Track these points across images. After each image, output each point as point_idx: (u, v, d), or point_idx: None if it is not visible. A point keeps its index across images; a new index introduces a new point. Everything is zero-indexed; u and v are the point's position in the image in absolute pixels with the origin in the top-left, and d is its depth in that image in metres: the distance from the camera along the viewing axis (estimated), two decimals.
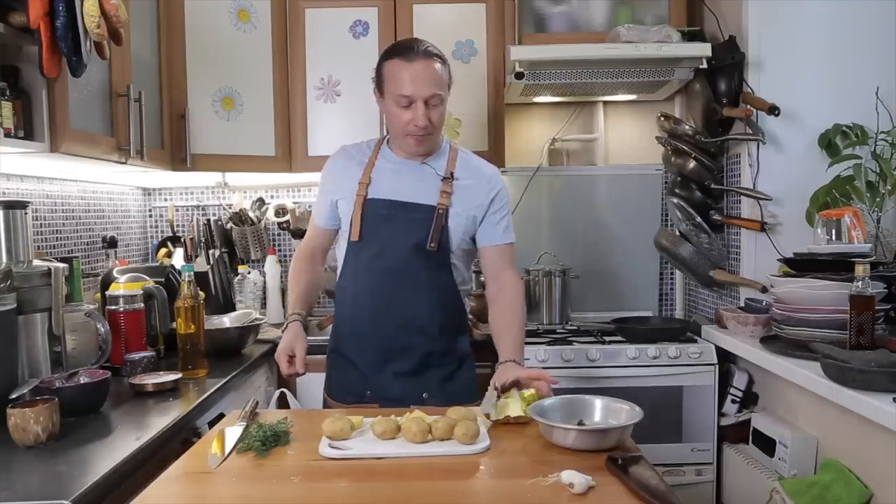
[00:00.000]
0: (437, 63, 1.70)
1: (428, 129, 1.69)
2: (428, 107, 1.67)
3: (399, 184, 1.76)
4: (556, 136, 3.05)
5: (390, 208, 1.74)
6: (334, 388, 1.85)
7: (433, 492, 1.12)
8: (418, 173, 1.77)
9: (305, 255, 1.89)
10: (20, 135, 1.64)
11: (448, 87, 1.73)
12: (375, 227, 1.74)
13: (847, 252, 1.95)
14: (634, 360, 2.38)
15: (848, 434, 1.75)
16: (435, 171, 1.77)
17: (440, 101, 1.69)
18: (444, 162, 1.79)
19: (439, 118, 1.72)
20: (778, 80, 2.36)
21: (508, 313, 1.77)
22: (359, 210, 1.75)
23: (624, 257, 2.98)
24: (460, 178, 1.77)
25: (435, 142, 1.78)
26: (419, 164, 1.78)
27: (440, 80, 1.69)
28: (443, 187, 1.74)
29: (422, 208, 1.73)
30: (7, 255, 1.58)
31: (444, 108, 1.73)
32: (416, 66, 1.66)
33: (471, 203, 1.76)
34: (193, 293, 1.91)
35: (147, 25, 2.31)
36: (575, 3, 2.76)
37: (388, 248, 1.73)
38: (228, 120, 2.61)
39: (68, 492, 1.10)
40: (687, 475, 2.39)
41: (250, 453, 1.26)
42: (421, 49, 1.69)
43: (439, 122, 1.73)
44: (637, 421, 1.27)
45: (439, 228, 1.72)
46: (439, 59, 1.71)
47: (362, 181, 1.76)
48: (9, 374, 1.48)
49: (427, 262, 1.72)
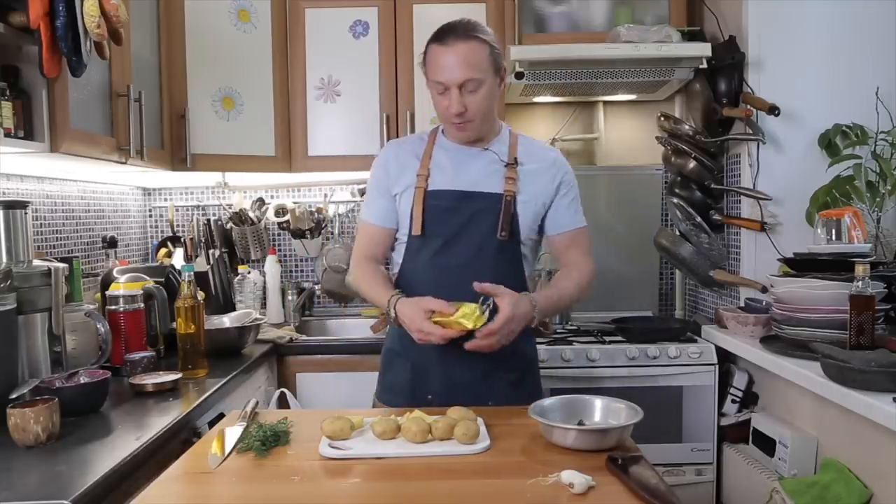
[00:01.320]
0: (476, 44, 1.58)
1: (466, 116, 1.60)
2: (463, 92, 1.58)
3: (460, 173, 1.66)
4: (556, 136, 3.05)
5: (453, 199, 1.64)
6: (386, 391, 1.74)
7: (433, 492, 1.12)
8: (480, 160, 1.68)
9: (367, 257, 1.73)
10: (20, 135, 1.64)
11: (495, 70, 1.61)
12: (438, 220, 1.64)
13: (847, 252, 1.95)
14: (634, 360, 2.38)
15: (848, 434, 1.75)
16: (498, 156, 1.68)
17: (477, 85, 1.58)
18: (506, 147, 1.70)
19: (479, 104, 1.60)
20: (778, 80, 2.36)
21: (563, 277, 1.72)
22: (420, 203, 1.64)
23: (624, 257, 2.97)
24: (525, 164, 1.68)
25: (482, 128, 1.66)
26: (480, 150, 1.69)
27: (477, 63, 1.57)
28: (507, 173, 1.66)
29: (488, 197, 1.64)
30: (7, 255, 1.58)
31: (488, 93, 1.60)
32: (449, 51, 1.57)
33: (538, 189, 1.68)
34: (193, 293, 1.91)
35: (147, 25, 2.31)
36: (575, 3, 2.76)
37: (453, 241, 1.64)
38: (228, 120, 2.61)
39: (68, 492, 1.10)
40: (687, 475, 2.39)
41: (250, 453, 1.26)
42: (459, 31, 1.59)
43: (480, 108, 1.61)
44: (637, 421, 1.27)
45: (509, 217, 1.63)
46: (480, 40, 1.59)
47: (420, 173, 1.67)
48: (9, 374, 1.48)
49: (497, 254, 1.64)
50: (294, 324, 2.81)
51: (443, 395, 1.62)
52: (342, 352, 2.46)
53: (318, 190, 3.08)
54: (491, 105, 1.64)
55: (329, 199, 3.05)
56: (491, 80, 1.61)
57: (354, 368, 2.39)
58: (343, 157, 2.74)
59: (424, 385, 1.67)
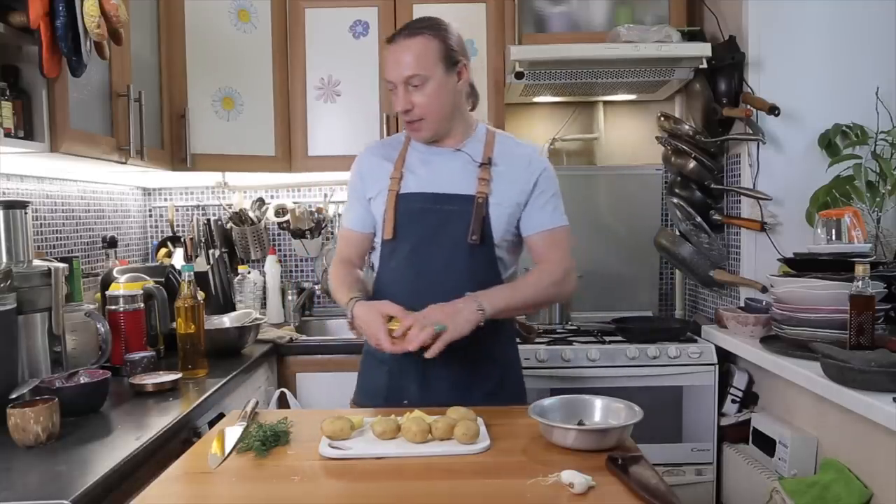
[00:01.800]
0: (422, 39, 1.54)
1: (414, 114, 1.56)
2: (409, 89, 1.54)
3: (433, 174, 1.63)
4: (556, 136, 3.05)
5: (425, 202, 1.61)
6: (362, 394, 1.73)
7: (433, 492, 1.12)
8: (453, 162, 1.63)
9: (342, 260, 1.72)
10: (20, 135, 1.64)
11: (448, 65, 1.55)
12: (410, 224, 1.61)
13: (847, 252, 1.95)
14: (634, 360, 2.38)
15: (848, 434, 1.75)
16: (471, 157, 1.63)
17: (423, 81, 1.53)
18: (481, 147, 1.64)
19: (428, 101, 1.54)
20: (778, 80, 2.36)
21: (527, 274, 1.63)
22: (392, 206, 1.62)
23: (624, 257, 2.97)
24: (499, 164, 1.62)
25: (440, 127, 1.61)
26: (453, 151, 1.64)
27: (421, 59, 1.52)
28: (480, 174, 1.60)
29: (459, 199, 1.59)
30: (7, 255, 1.58)
31: (438, 89, 1.54)
32: (395, 48, 1.55)
33: (512, 190, 1.61)
34: (193, 293, 1.91)
35: (147, 25, 2.31)
36: (575, 3, 2.76)
37: (425, 244, 1.60)
38: (228, 120, 2.61)
39: (68, 492, 1.10)
40: (687, 475, 2.39)
41: (250, 453, 1.26)
42: (408, 28, 1.56)
43: (431, 106, 1.55)
44: (637, 421, 1.27)
45: (480, 219, 1.58)
46: (426, 35, 1.54)
47: (393, 175, 1.64)
48: (9, 374, 1.48)
49: (469, 257, 1.59)
50: (294, 324, 2.81)
51: (419, 400, 1.56)
52: (342, 352, 2.45)
53: (318, 190, 3.08)
54: (446, 102, 1.58)
55: (329, 199, 3.05)
56: (442, 76, 1.55)
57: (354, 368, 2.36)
58: (343, 157, 2.73)
59: (400, 389, 1.64)
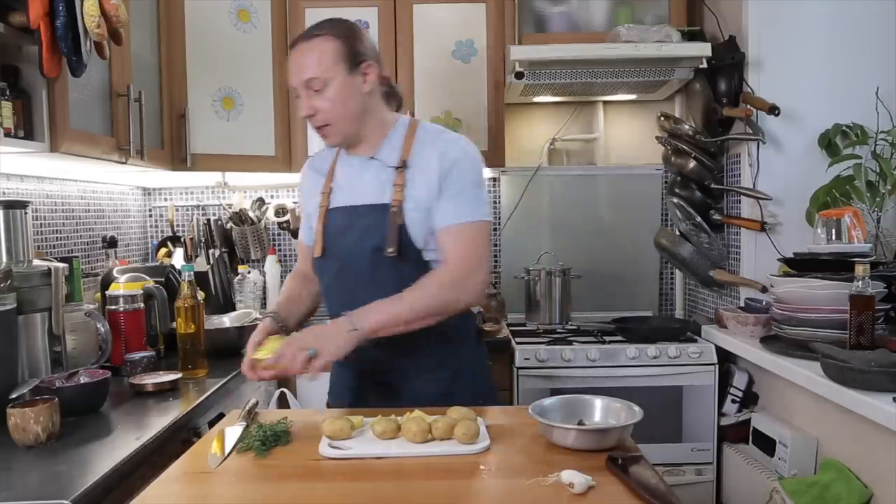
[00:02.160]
0: (319, 41, 1.47)
1: (318, 119, 1.49)
2: (311, 93, 1.48)
3: (353, 186, 1.57)
4: (556, 136, 3.05)
5: (347, 216, 1.55)
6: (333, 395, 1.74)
7: (433, 492, 1.12)
8: (367, 170, 1.56)
9: (295, 275, 1.74)
10: (20, 135, 1.64)
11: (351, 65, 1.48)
12: (336, 240, 1.56)
13: (847, 252, 1.95)
14: (634, 360, 2.38)
15: (848, 434, 1.75)
16: (383, 162, 1.54)
17: (323, 84, 1.46)
18: (397, 149, 1.54)
19: (331, 104, 1.47)
20: (778, 80, 2.36)
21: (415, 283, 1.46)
22: (320, 223, 1.58)
23: (624, 257, 2.98)
24: (413, 165, 1.51)
25: (349, 131, 1.53)
26: (368, 158, 1.56)
27: (321, 61, 1.46)
28: (395, 180, 1.51)
29: (375, 209, 1.52)
30: (7, 255, 1.58)
31: (341, 91, 1.47)
32: (294, 53, 1.50)
33: (425, 190, 1.49)
34: (193, 293, 1.91)
35: (147, 25, 2.31)
36: (575, 3, 2.76)
37: (351, 261, 1.54)
38: (228, 120, 2.61)
39: (68, 492, 1.10)
40: (687, 475, 2.39)
41: (250, 453, 1.26)
42: (306, 32, 1.51)
43: (335, 109, 1.48)
44: (637, 421, 1.27)
45: (395, 229, 1.48)
46: (324, 36, 1.48)
47: (323, 190, 1.61)
48: (9, 374, 1.48)
49: (395, 270, 1.49)
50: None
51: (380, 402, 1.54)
52: None
53: None
54: (352, 105, 1.50)
55: None
56: (344, 78, 1.48)
57: None
58: None
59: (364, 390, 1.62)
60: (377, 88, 1.56)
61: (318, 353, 1.36)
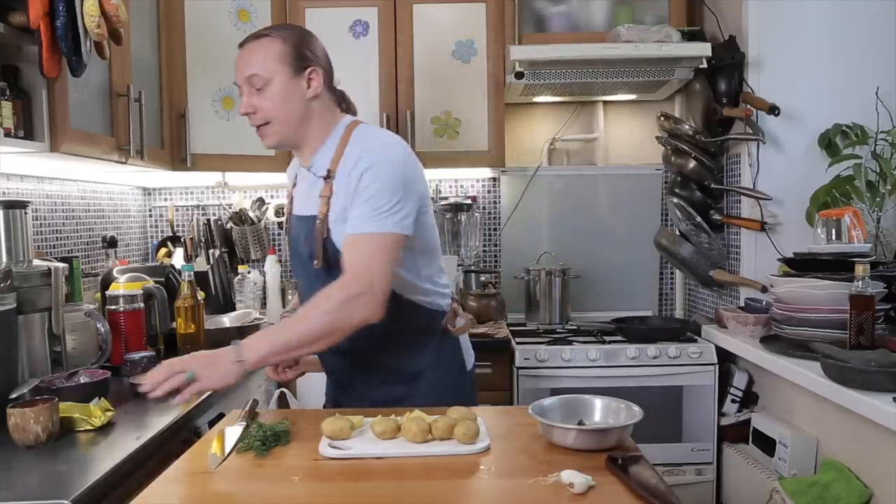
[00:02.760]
0: (265, 41, 1.47)
1: (257, 118, 1.48)
2: (252, 91, 1.47)
3: (299, 196, 1.58)
4: (556, 136, 3.05)
5: (294, 225, 1.58)
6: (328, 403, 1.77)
7: (433, 492, 1.12)
8: (305, 180, 1.56)
9: None
10: (20, 135, 1.64)
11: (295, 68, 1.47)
12: (291, 250, 1.61)
13: (847, 252, 1.95)
14: (634, 360, 2.38)
15: (848, 434, 1.75)
16: (314, 173, 1.52)
17: (264, 82, 1.45)
18: (328, 158, 1.50)
19: (271, 104, 1.46)
20: (778, 80, 2.36)
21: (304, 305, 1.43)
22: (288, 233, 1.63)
23: (624, 257, 2.98)
24: (338, 174, 1.46)
25: (288, 134, 1.50)
26: (306, 169, 1.55)
27: (263, 59, 1.45)
28: (322, 191, 1.47)
29: (305, 221, 1.51)
30: (7, 255, 1.57)
31: (283, 92, 1.46)
32: (241, 52, 1.51)
33: (343, 199, 1.44)
34: (193, 293, 1.91)
35: (147, 25, 2.31)
36: (575, 3, 2.76)
37: (298, 272, 1.59)
38: (228, 120, 2.61)
39: (68, 492, 1.10)
40: (687, 475, 2.39)
41: (250, 453, 1.26)
42: (255, 33, 1.51)
43: (274, 108, 1.46)
44: (637, 421, 1.27)
45: (321, 242, 1.46)
46: (271, 36, 1.48)
47: (287, 197, 1.65)
48: (9, 374, 1.48)
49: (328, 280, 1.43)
50: None
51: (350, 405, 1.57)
52: None
53: None
54: (293, 108, 1.48)
55: None
56: (286, 79, 1.46)
57: None
58: None
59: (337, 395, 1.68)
60: (324, 95, 1.52)
61: (196, 377, 1.33)
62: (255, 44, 1.49)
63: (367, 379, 1.60)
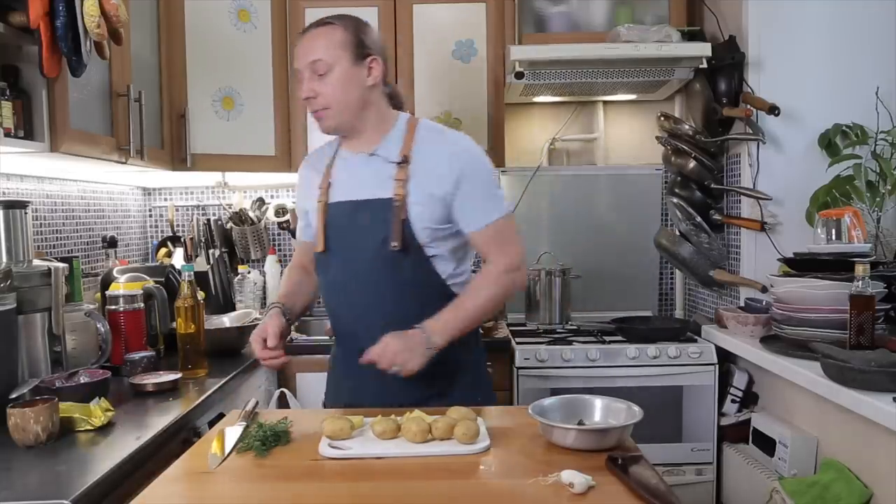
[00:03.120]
0: (329, 28, 1.52)
1: (318, 103, 1.52)
2: (314, 77, 1.51)
3: (353, 181, 1.58)
4: (556, 136, 3.05)
5: (349, 210, 1.57)
6: (330, 395, 1.76)
7: (433, 492, 1.12)
8: (368, 165, 1.58)
9: (294, 265, 1.77)
10: (20, 135, 1.64)
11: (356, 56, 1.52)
12: (338, 235, 1.58)
13: (847, 252, 1.95)
14: (634, 360, 2.38)
15: (848, 434, 1.75)
16: (385, 158, 1.56)
17: (327, 67, 1.50)
18: (398, 145, 1.56)
19: (332, 89, 1.51)
20: (778, 80, 2.36)
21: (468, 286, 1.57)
22: (321, 217, 1.59)
23: (624, 257, 2.98)
24: (417, 161, 1.54)
25: (345, 120, 1.56)
26: (368, 154, 1.58)
27: (326, 45, 1.50)
28: (396, 174, 1.52)
29: (377, 204, 1.53)
30: (7, 255, 1.58)
31: (344, 78, 1.51)
32: (303, 38, 1.55)
33: (432, 187, 1.52)
34: (193, 293, 1.91)
35: (147, 25, 2.31)
36: (575, 3, 2.76)
37: (353, 255, 1.55)
38: (228, 120, 2.61)
39: (68, 492, 1.10)
40: (687, 475, 2.39)
41: (250, 453, 1.26)
42: (317, 21, 1.56)
43: (335, 94, 1.51)
44: (637, 421, 1.27)
45: (399, 224, 1.50)
46: (334, 24, 1.53)
47: (321, 186, 1.62)
48: (9, 374, 1.48)
49: (397, 264, 1.52)
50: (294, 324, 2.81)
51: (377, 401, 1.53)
52: None
53: None
54: (352, 94, 1.53)
55: None
56: (348, 66, 1.51)
57: None
58: None
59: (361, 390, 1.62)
60: (380, 86, 1.59)
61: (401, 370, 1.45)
62: (319, 31, 1.53)
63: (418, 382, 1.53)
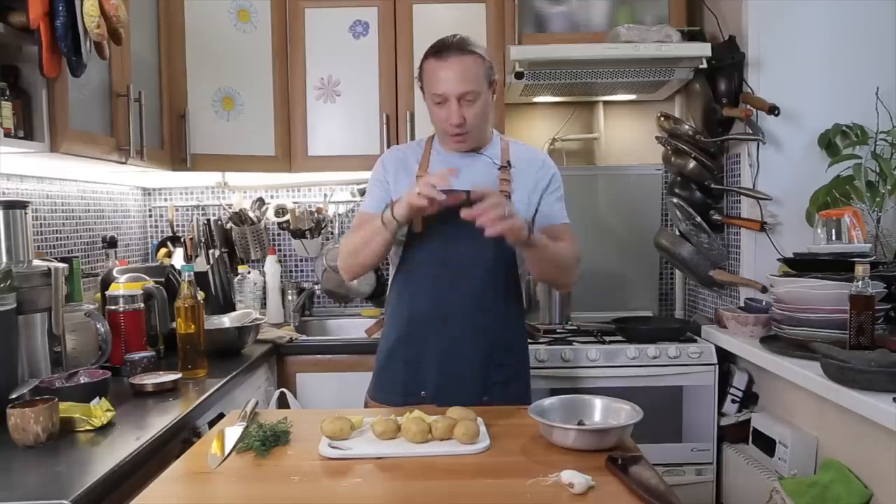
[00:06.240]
0: (472, 59, 1.67)
1: (464, 128, 1.68)
2: (462, 104, 1.66)
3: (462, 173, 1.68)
4: (556, 136, 3.05)
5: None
6: (379, 390, 1.80)
7: (433, 492, 1.12)
8: (476, 163, 1.76)
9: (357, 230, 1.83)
10: (20, 135, 1.64)
11: (490, 82, 1.71)
12: (439, 219, 1.66)
13: (847, 252, 1.95)
14: (634, 360, 2.38)
15: (848, 434, 1.75)
16: (491, 160, 1.77)
17: (475, 97, 1.67)
18: (499, 152, 1.79)
19: (476, 115, 1.69)
20: (778, 80, 2.36)
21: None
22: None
23: (624, 257, 2.98)
24: (516, 166, 1.77)
25: (479, 138, 1.76)
26: (474, 155, 1.77)
27: (473, 76, 1.67)
28: (501, 175, 1.74)
29: None
30: (7, 255, 1.58)
31: (484, 104, 1.70)
32: (448, 65, 1.66)
33: (529, 189, 1.76)
34: (193, 293, 1.91)
35: (147, 25, 2.31)
36: (575, 3, 2.76)
37: (453, 240, 1.69)
38: (228, 120, 2.61)
39: (68, 492, 1.10)
40: (687, 475, 2.39)
41: (250, 453, 1.26)
42: (456, 47, 1.67)
43: (477, 119, 1.70)
44: (637, 421, 1.27)
45: None
46: (475, 55, 1.69)
47: (420, 174, 1.74)
48: (9, 374, 1.48)
49: (493, 251, 1.69)
50: (294, 324, 2.81)
51: (437, 391, 1.68)
52: (342, 352, 2.46)
53: (318, 190, 3.08)
54: (486, 116, 1.73)
55: (329, 199, 3.05)
56: (487, 93, 1.71)
57: (354, 369, 2.39)
58: (343, 157, 2.74)
59: (418, 380, 1.72)
60: None
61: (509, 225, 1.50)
62: (465, 59, 1.66)
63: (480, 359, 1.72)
